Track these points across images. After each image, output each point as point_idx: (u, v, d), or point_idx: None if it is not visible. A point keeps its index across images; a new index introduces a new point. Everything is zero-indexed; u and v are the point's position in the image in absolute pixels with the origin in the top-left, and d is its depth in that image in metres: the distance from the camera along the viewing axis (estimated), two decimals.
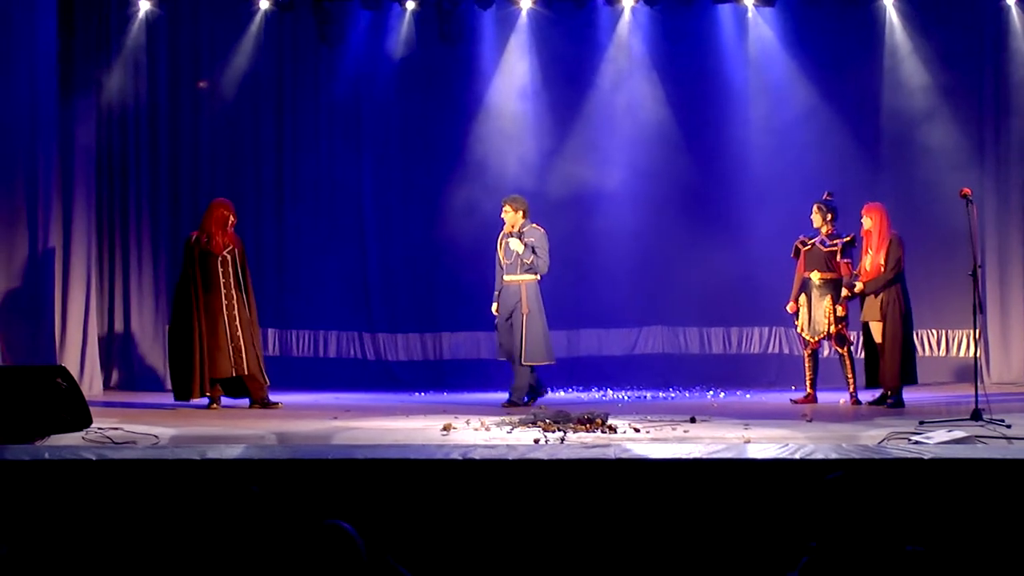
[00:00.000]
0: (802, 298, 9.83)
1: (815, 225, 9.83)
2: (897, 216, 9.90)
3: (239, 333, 9.53)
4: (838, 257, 9.70)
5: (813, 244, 9.81)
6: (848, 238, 9.73)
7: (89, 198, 11.11)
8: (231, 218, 9.73)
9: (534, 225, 9.86)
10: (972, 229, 8.30)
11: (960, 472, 5.64)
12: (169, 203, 11.86)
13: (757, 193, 11.82)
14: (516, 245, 9.75)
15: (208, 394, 9.51)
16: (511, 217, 9.87)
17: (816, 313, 9.73)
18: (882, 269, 9.39)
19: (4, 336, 9.66)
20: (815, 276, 9.74)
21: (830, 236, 9.77)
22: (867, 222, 9.53)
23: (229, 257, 9.62)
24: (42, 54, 10.28)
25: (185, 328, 9.45)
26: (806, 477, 5.62)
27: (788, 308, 9.97)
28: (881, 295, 9.41)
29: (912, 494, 5.47)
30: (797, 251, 9.93)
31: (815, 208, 9.83)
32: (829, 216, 9.79)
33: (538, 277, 9.84)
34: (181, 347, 9.48)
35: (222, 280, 9.54)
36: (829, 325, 9.67)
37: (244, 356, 9.52)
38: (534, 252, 9.75)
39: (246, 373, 9.55)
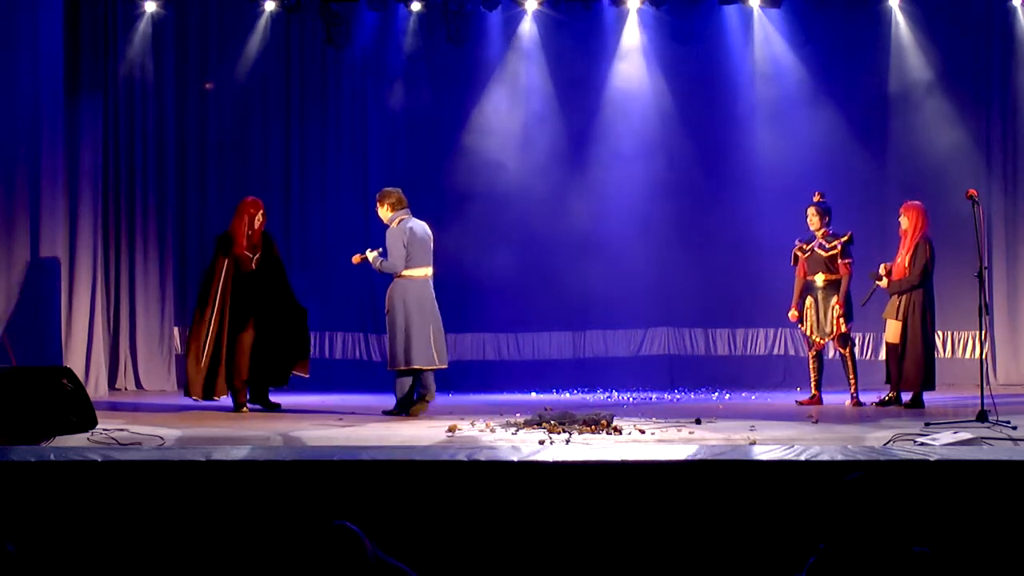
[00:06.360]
0: (808, 300, 9.80)
1: (813, 228, 9.80)
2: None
3: (246, 341, 9.43)
4: (839, 259, 9.68)
5: (812, 249, 9.77)
6: (846, 237, 9.70)
7: (95, 198, 11.13)
8: (258, 217, 9.55)
9: (397, 221, 9.16)
10: (978, 230, 8.29)
11: (966, 474, 5.62)
12: (176, 204, 11.91)
13: (763, 194, 11.80)
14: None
15: (222, 395, 9.42)
16: (380, 212, 9.25)
17: (825, 314, 9.71)
18: (907, 272, 9.37)
19: (10, 337, 9.67)
20: (819, 279, 9.71)
21: (827, 238, 9.74)
22: (904, 222, 9.49)
23: (254, 257, 9.49)
24: (47, 55, 10.29)
25: (201, 327, 9.39)
26: (812, 479, 5.62)
27: (790, 316, 9.94)
28: (904, 296, 9.39)
29: (918, 496, 5.46)
30: (796, 258, 9.89)
31: (812, 211, 9.78)
32: (826, 218, 9.77)
33: (406, 275, 9.09)
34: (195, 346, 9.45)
35: (250, 287, 9.44)
36: (837, 325, 9.65)
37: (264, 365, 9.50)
38: (387, 252, 9.09)
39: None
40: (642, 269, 12.03)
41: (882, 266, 9.56)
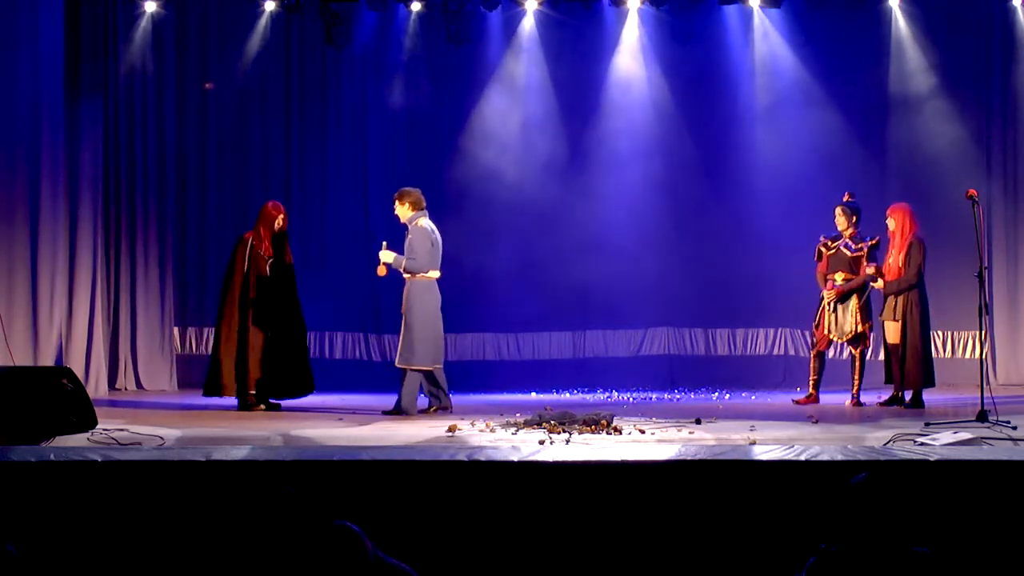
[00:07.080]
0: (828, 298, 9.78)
1: (840, 228, 9.76)
2: None
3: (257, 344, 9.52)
4: (864, 261, 9.65)
5: (837, 248, 9.75)
6: (873, 241, 9.68)
7: (95, 199, 11.12)
8: (278, 220, 9.68)
9: (419, 221, 9.33)
10: (978, 230, 8.29)
11: (966, 474, 5.63)
12: (176, 204, 11.91)
13: (763, 194, 11.79)
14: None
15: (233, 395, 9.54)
16: (399, 211, 9.40)
17: (844, 314, 9.69)
18: (902, 272, 9.37)
19: (9, 337, 9.67)
20: (839, 277, 9.69)
21: (854, 239, 9.72)
22: (892, 223, 9.51)
23: (270, 261, 9.60)
24: (47, 55, 10.30)
25: (223, 328, 9.58)
26: (812, 479, 5.62)
27: (826, 291, 9.74)
28: (900, 297, 9.39)
29: (918, 496, 5.46)
30: (820, 254, 9.86)
31: (839, 211, 9.75)
32: (854, 218, 9.75)
33: (426, 276, 9.31)
34: (215, 344, 9.65)
35: (265, 290, 9.53)
36: (857, 324, 9.64)
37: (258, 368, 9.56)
38: (411, 252, 9.23)
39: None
40: (642, 269, 12.02)
41: (872, 268, 9.56)
